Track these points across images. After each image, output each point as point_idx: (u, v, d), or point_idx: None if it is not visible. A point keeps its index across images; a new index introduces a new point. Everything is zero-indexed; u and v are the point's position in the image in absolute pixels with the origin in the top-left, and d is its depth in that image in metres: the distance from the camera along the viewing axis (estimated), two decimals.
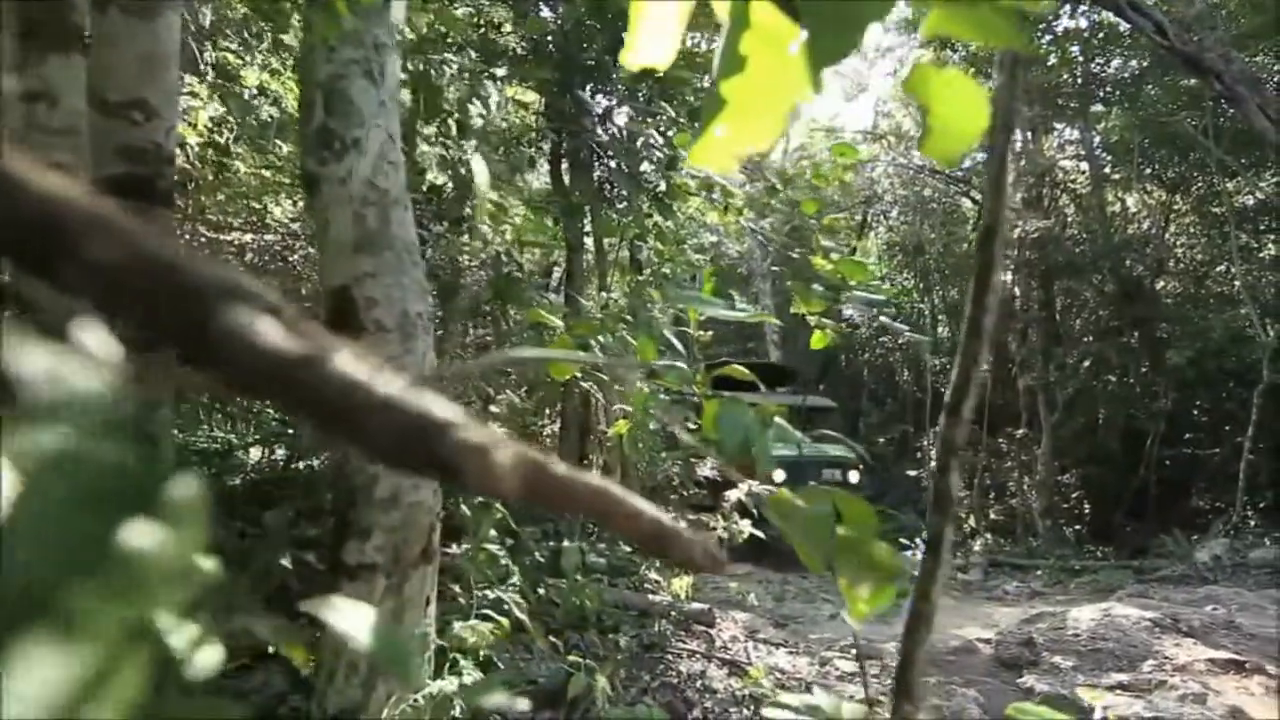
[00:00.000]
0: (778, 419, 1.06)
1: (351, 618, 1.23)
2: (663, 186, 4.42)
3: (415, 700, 1.24)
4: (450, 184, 2.44)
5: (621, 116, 5.43)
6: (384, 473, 1.32)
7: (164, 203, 1.53)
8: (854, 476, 9.41)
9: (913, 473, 13.97)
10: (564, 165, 6.01)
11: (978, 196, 15.36)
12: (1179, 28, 7.29)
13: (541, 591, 2.49)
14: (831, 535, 1.05)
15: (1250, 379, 8.28)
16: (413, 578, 1.30)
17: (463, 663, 1.49)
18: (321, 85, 1.35)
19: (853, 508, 0.99)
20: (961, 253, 13.74)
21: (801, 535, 1.01)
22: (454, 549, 2.18)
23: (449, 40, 2.94)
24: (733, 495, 4.44)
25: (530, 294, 2.31)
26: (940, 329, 17.00)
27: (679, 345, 2.58)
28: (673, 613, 3.47)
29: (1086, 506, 11.96)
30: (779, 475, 8.24)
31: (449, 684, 1.36)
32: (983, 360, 0.58)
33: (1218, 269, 11.42)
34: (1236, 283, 9.21)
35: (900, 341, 17.68)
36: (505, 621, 1.77)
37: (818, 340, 2.14)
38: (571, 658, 2.49)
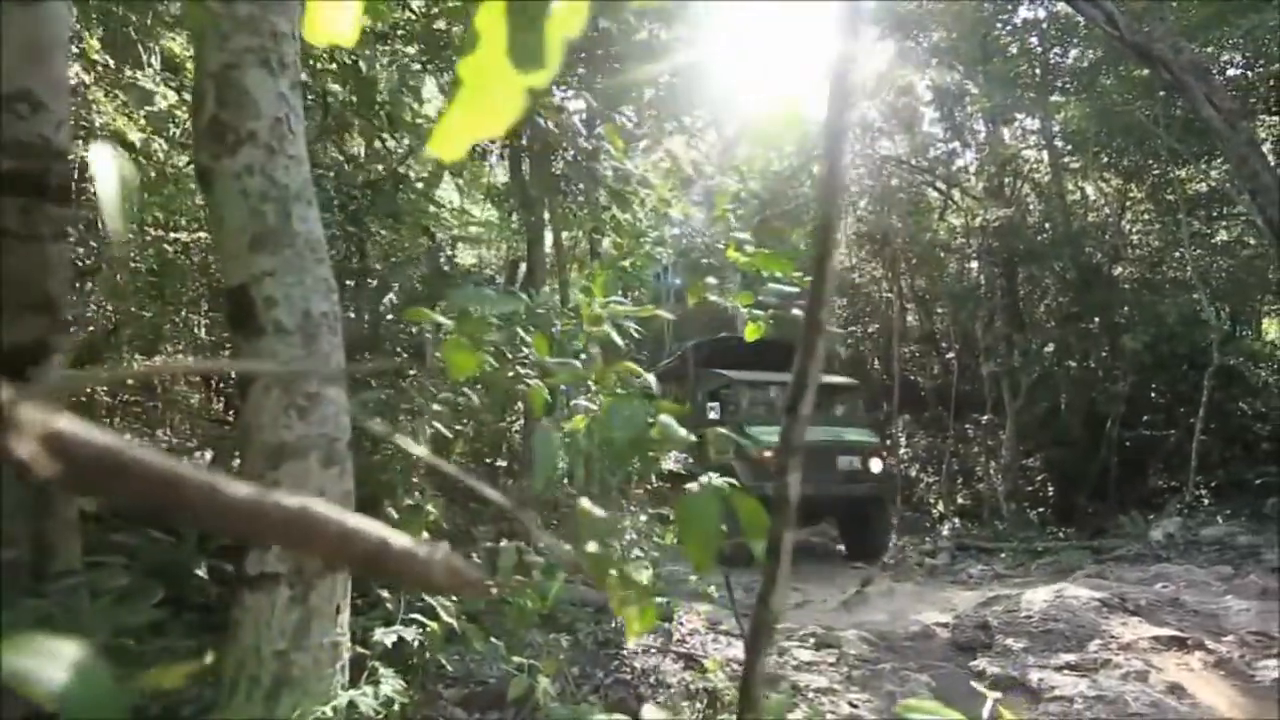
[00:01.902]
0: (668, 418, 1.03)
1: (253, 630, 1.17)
2: (611, 175, 4.39)
3: (323, 713, 1.20)
4: (386, 178, 2.39)
5: (578, 109, 5.38)
6: (287, 477, 1.27)
7: (57, 200, 1.46)
8: (876, 465, 8.38)
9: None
10: (523, 158, 5.94)
11: (942, 186, 15.56)
12: (1129, 18, 7.41)
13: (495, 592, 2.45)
14: (720, 535, 1.03)
15: (1203, 362, 8.50)
16: (319, 587, 1.26)
17: (382, 670, 1.45)
18: (213, 75, 1.29)
19: (747, 507, 0.97)
20: (927, 242, 13.88)
21: (687, 534, 0.99)
22: None
23: (383, 32, 2.86)
24: (692, 488, 4.42)
25: (470, 290, 2.25)
26: (909, 318, 17.20)
27: (619, 341, 2.55)
28: None
29: (1050, 489, 12.23)
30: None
31: (362, 694, 1.32)
32: (820, 355, 0.56)
33: (1174, 254, 11.71)
34: (1189, 268, 9.45)
35: (870, 331, 17.84)
36: (435, 626, 1.73)
37: (751, 331, 2.13)
38: (516, 659, 2.47)
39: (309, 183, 1.40)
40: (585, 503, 0.71)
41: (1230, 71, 10.40)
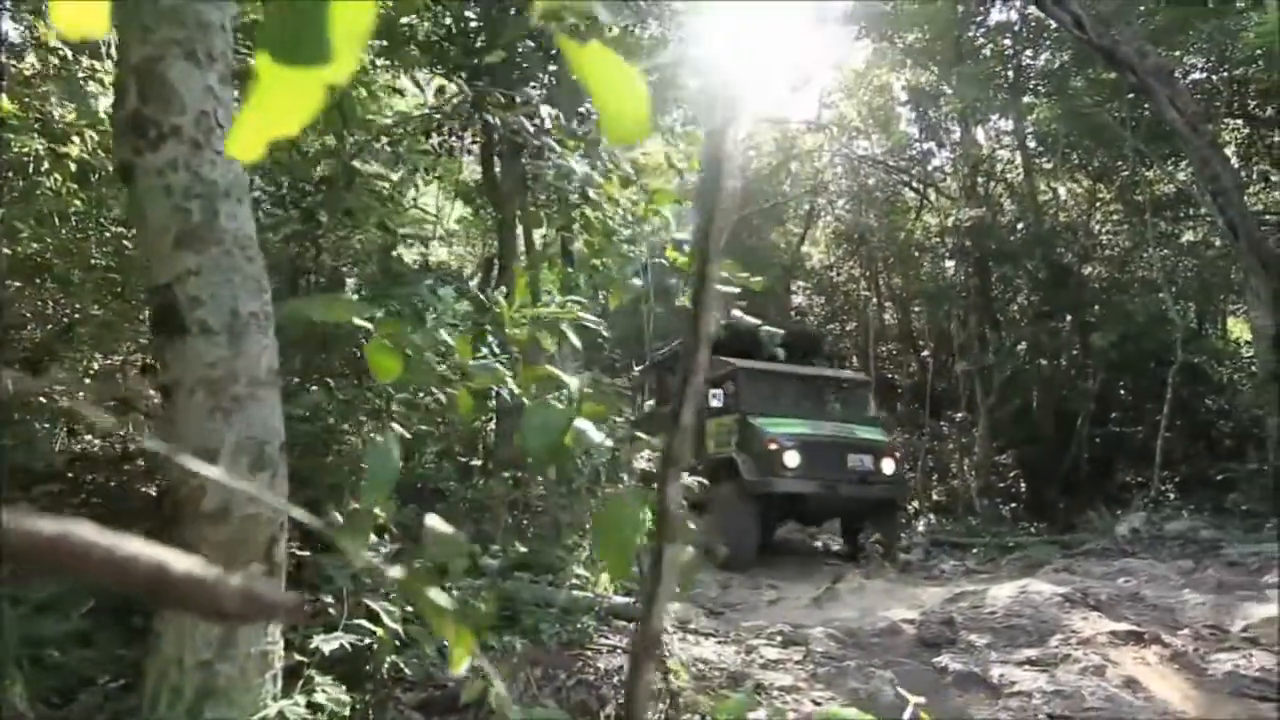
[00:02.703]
0: (584, 422, 1.01)
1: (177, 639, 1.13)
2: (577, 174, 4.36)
3: None
4: (340, 174, 2.34)
5: (545, 107, 5.33)
6: (213, 484, 1.24)
7: None
8: (888, 465, 7.64)
9: None
10: (495, 156, 5.89)
11: (918, 186, 15.72)
12: (1096, 21, 7.51)
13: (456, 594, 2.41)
14: (637, 543, 1.02)
15: (1168, 359, 8.68)
16: None
17: (319, 678, 1.42)
18: (135, 69, 1.25)
19: (629, 510, 0.95)
20: (902, 241, 14.02)
21: (604, 542, 0.97)
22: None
23: None
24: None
25: (421, 288, 2.22)
26: (886, 316, 17.37)
27: (575, 341, 2.53)
28: (596, 608, 3.43)
29: (1022, 485, 12.43)
30: (792, 459, 7.14)
31: (293, 704, 1.28)
32: (703, 368, 0.55)
33: (1142, 254, 11.95)
34: (1155, 268, 9.63)
35: (848, 329, 17.93)
36: (381, 631, 1.70)
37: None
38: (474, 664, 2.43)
39: (241, 179, 1.36)
40: (431, 520, 0.69)
41: (1195, 75, 10.62)
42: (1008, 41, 12.18)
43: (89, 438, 3.90)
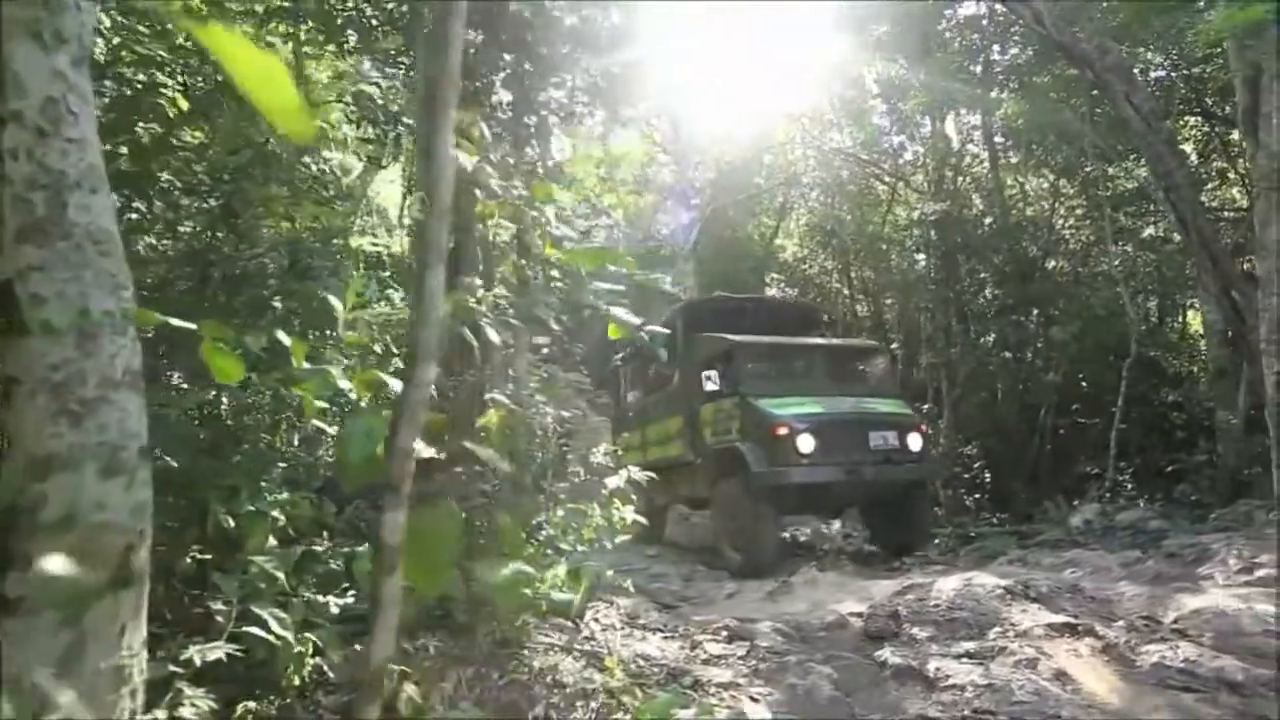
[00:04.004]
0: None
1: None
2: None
3: None
4: (254, 161, 2.26)
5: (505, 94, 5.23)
6: (54, 492, 1.17)
7: None
8: (915, 441, 6.69)
9: None
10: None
11: (890, 180, 15.81)
12: (1057, 17, 7.56)
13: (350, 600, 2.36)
14: (452, 557, 0.97)
15: (1125, 353, 8.84)
16: (96, 608, 1.17)
17: (188, 691, 1.36)
18: None
19: (445, 525, 0.91)
20: (870, 234, 14.09)
21: (416, 557, 0.93)
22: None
23: (275, 7, 2.71)
24: (612, 482, 4.39)
25: (332, 283, 2.14)
26: (858, 308, 17.49)
27: (494, 336, 2.47)
28: (533, 606, 3.38)
29: (987, 476, 12.62)
30: (806, 442, 6.18)
31: (150, 719, 1.23)
32: (427, 384, 0.50)
33: (1104, 249, 12.16)
34: (1113, 263, 9.79)
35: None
36: (272, 639, 1.65)
37: (613, 332, 2.08)
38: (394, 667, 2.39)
39: (95, 169, 1.28)
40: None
41: (1157, 73, 10.78)
42: (976, 36, 12.26)
43: None
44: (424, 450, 1.02)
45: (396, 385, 1.02)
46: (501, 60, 5.23)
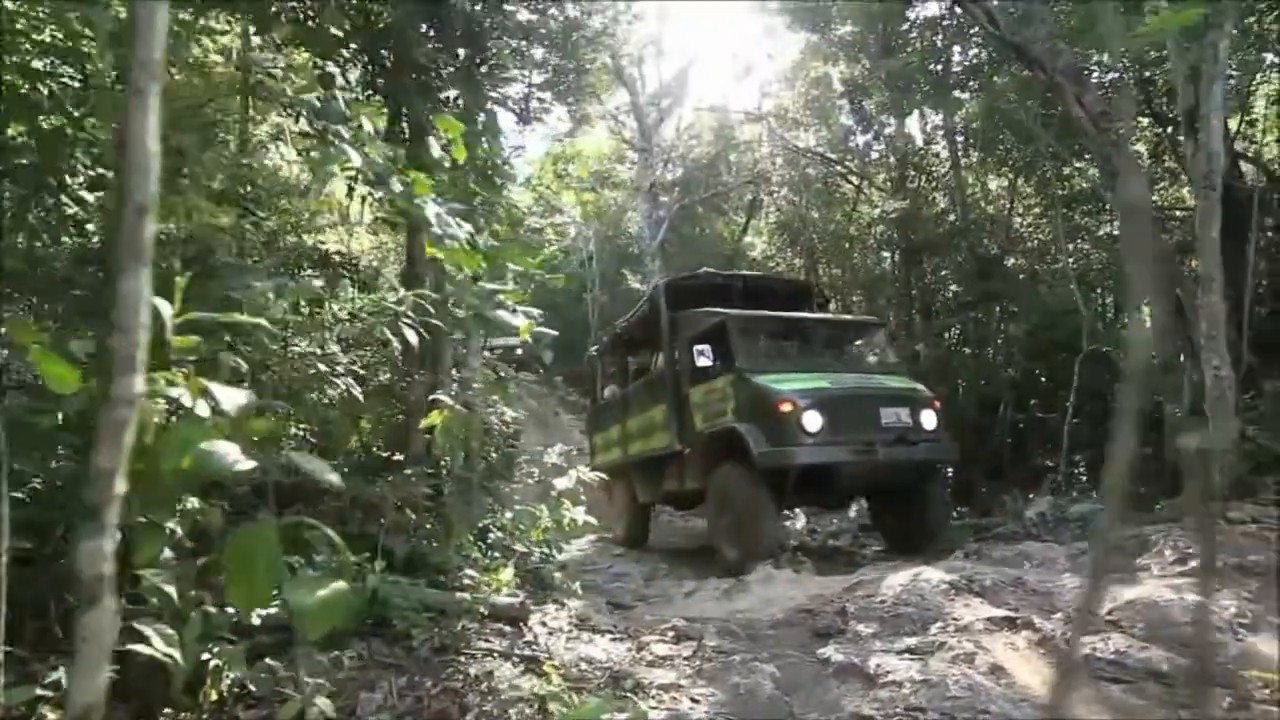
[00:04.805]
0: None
1: None
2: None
3: None
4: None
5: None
6: None
7: None
8: (929, 419, 6.10)
9: None
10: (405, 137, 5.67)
11: (854, 179, 15.96)
12: (1011, 19, 7.66)
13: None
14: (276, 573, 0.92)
15: (1079, 348, 9.04)
16: None
17: (50, 716, 1.29)
18: None
19: (261, 543, 0.87)
20: (833, 231, 14.22)
21: (236, 574, 0.88)
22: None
23: None
24: (561, 483, 4.36)
25: (238, 281, 2.04)
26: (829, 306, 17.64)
27: (411, 336, 2.41)
28: (477, 609, 3.33)
29: (949, 470, 12.83)
30: (813, 420, 5.65)
31: None
32: (130, 400, 0.46)
33: (1065, 247, 12.43)
34: (1069, 260, 10.01)
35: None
36: (161, 654, 1.58)
37: (525, 329, 2.05)
38: (314, 680, 2.32)
39: None
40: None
41: (1112, 75, 11.02)
42: (937, 37, 12.42)
43: None
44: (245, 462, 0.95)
45: (226, 394, 0.96)
46: (451, 55, 5.14)
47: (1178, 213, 11.50)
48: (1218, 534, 4.39)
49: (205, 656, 2.18)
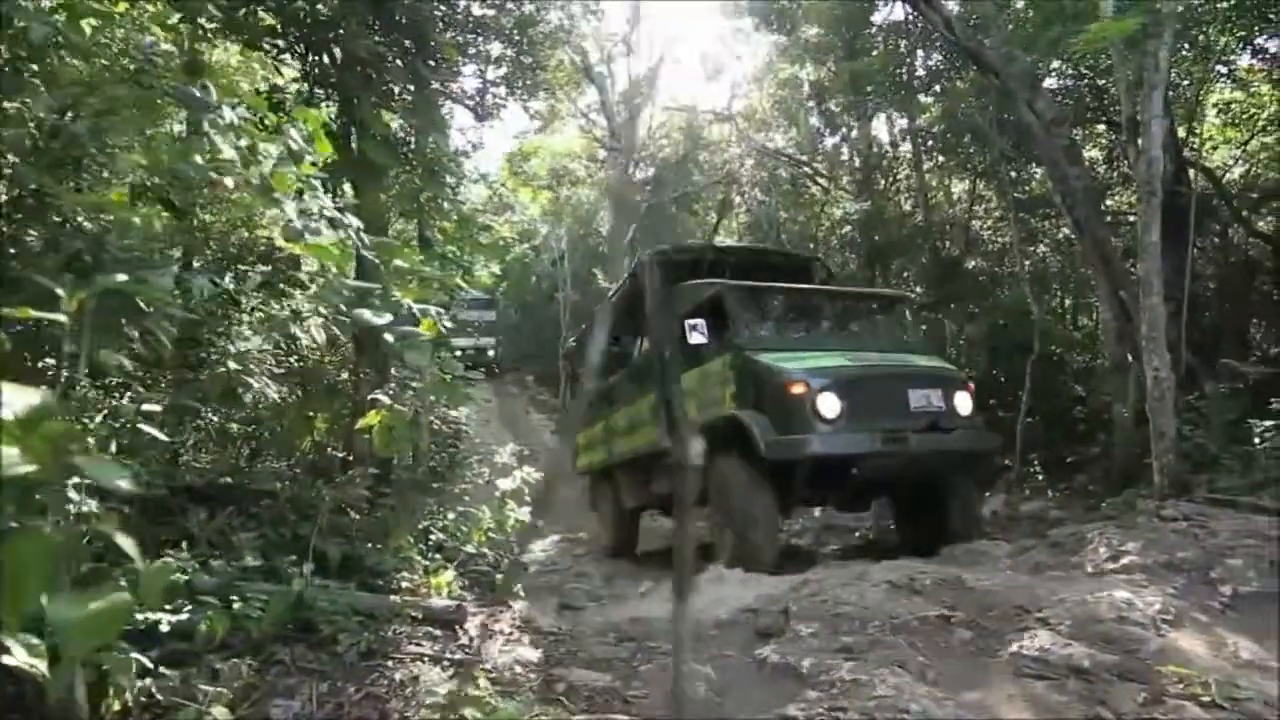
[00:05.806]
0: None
1: None
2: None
3: None
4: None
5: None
6: None
7: None
8: (964, 402, 5.33)
9: None
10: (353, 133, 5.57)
11: (822, 180, 16.11)
12: (966, 25, 7.77)
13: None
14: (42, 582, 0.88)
15: (1031, 349, 9.22)
16: None
17: None
18: None
19: (29, 552, 0.82)
20: (798, 231, 14.33)
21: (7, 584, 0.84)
22: None
23: None
24: (505, 484, 4.31)
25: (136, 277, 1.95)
26: None
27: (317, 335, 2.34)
28: (408, 613, 3.28)
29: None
30: (829, 404, 4.88)
31: None
32: None
33: (1019, 249, 12.67)
34: (1027, 262, 10.20)
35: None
36: (33, 671, 1.51)
37: (427, 325, 2.01)
38: (214, 688, 2.25)
39: None
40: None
41: (1066, 81, 11.24)
42: (901, 41, 12.57)
43: None
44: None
45: (13, 393, 0.91)
46: (398, 49, 5.06)
47: (1130, 217, 11.81)
48: (1150, 532, 4.50)
49: (106, 667, 2.12)
